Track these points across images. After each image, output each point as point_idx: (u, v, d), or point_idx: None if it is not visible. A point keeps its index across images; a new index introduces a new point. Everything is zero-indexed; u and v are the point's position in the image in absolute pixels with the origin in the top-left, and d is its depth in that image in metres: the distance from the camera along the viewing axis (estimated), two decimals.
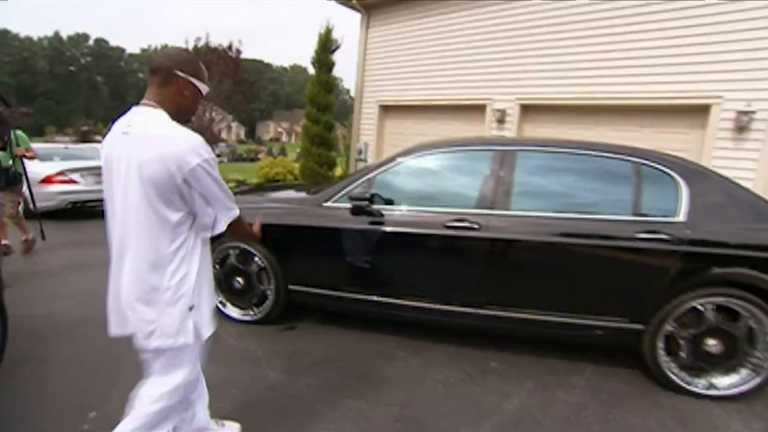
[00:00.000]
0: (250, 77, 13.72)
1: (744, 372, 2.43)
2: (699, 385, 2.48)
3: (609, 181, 2.62)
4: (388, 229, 2.74)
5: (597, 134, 6.60)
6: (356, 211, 2.75)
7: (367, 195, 2.64)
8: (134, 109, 1.37)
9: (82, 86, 69.87)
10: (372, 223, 2.75)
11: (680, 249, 2.38)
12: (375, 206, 2.73)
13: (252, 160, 30.11)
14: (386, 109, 9.31)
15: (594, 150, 2.68)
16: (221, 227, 1.42)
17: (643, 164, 2.57)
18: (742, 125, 5.14)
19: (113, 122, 1.40)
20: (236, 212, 1.47)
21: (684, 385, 2.48)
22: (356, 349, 2.88)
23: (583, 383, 2.60)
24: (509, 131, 7.31)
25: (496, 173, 2.68)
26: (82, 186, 7.08)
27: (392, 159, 2.91)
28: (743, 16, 5.03)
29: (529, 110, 7.26)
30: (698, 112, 5.62)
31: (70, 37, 74.94)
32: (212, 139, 12.88)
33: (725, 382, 2.45)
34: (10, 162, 4.28)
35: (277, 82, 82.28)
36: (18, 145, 4.38)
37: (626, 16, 5.94)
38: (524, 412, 2.28)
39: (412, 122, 8.96)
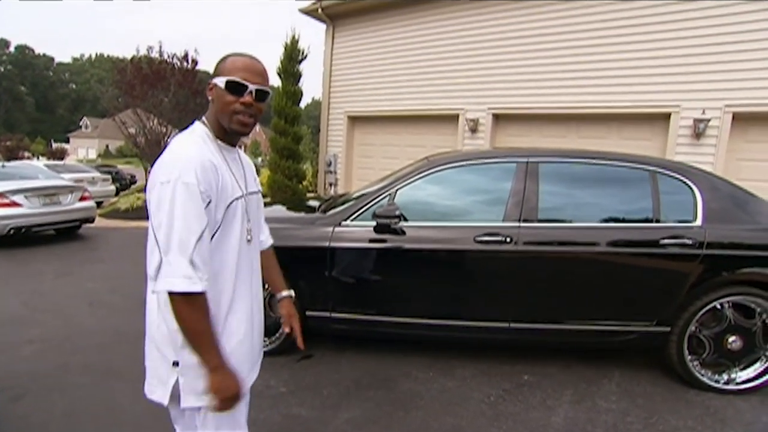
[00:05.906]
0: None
1: (759, 365, 2.57)
2: (720, 381, 2.59)
3: (630, 190, 2.69)
4: (414, 246, 2.64)
5: (567, 141, 6.91)
6: (381, 229, 2.62)
7: (397, 212, 2.52)
8: None
9: (2, 97, 63.52)
10: (398, 240, 2.64)
11: (702, 252, 2.49)
12: (400, 223, 2.63)
13: None
14: (354, 120, 9.21)
15: (612, 159, 2.75)
16: (158, 286, 1.00)
17: (659, 172, 2.68)
18: (698, 131, 5.58)
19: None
20: (177, 281, 0.97)
21: (710, 382, 2.58)
22: (385, 374, 2.73)
23: (616, 388, 2.63)
24: (482, 140, 7.48)
25: (522, 184, 2.67)
26: (26, 209, 6.33)
27: (412, 173, 2.82)
28: (698, 33, 5.51)
29: (500, 119, 7.48)
30: (659, 119, 6.04)
31: None
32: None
33: (743, 376, 2.58)
34: None
35: None
36: None
37: (593, 30, 6.29)
38: (574, 426, 2.25)
39: (383, 133, 8.92)
